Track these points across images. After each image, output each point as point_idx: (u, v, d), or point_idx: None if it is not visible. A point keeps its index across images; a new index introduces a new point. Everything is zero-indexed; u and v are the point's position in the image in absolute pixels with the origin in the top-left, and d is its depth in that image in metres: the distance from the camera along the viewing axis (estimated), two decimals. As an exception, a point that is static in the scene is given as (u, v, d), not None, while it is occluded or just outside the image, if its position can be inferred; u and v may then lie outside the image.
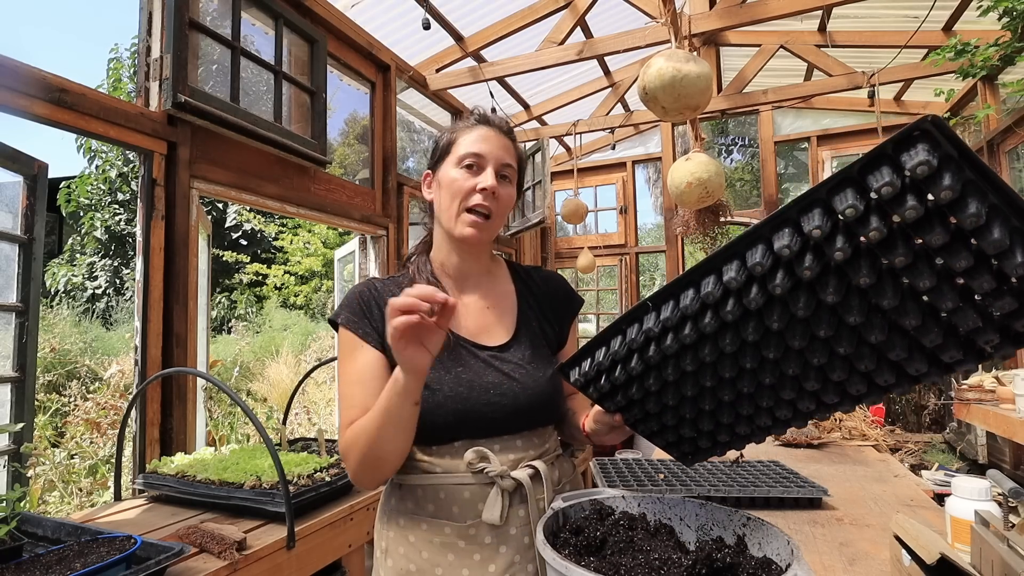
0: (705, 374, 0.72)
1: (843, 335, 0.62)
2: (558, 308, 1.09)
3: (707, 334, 0.67)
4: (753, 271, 0.59)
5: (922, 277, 0.54)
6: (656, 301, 0.69)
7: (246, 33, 2.25)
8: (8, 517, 1.09)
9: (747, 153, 12.33)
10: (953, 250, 0.52)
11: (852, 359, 0.64)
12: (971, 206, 0.48)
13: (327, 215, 2.71)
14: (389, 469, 0.89)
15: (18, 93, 1.53)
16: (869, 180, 0.51)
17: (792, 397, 0.72)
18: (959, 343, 0.59)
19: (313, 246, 10.92)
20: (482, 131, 0.98)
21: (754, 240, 0.59)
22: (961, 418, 2.67)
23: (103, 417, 4.17)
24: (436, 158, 1.02)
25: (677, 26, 2.34)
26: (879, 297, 0.57)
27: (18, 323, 1.67)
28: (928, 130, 0.48)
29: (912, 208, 0.50)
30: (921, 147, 0.48)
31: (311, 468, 1.52)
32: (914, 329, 0.58)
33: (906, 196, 0.50)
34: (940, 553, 0.80)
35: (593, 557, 0.72)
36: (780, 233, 0.57)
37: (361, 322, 0.95)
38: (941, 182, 0.48)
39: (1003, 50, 2.83)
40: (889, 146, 0.50)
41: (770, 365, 0.69)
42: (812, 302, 0.60)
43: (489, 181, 0.94)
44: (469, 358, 0.95)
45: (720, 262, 0.62)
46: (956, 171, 0.48)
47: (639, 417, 0.84)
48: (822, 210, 0.55)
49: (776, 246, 0.57)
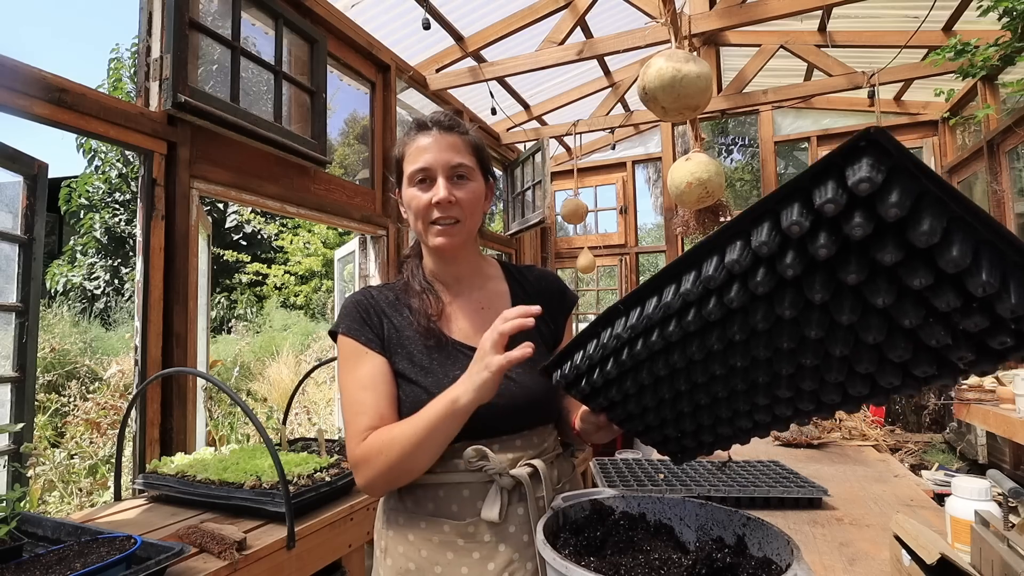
0: (679, 378, 0.72)
1: (807, 347, 0.60)
2: (553, 305, 1.09)
3: (674, 341, 0.66)
4: (708, 283, 0.57)
5: (879, 294, 0.51)
6: (626, 305, 0.69)
7: (246, 33, 2.25)
8: (8, 517, 1.09)
9: (747, 153, 12.33)
10: (910, 267, 0.48)
11: (822, 369, 0.63)
12: (924, 223, 0.45)
13: (327, 215, 2.71)
14: (410, 480, 0.90)
15: (18, 93, 1.53)
16: (815, 195, 0.48)
17: (767, 403, 0.72)
18: (931, 358, 0.56)
19: (313, 246, 10.92)
20: (422, 141, 0.96)
21: (710, 251, 0.57)
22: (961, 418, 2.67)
23: (103, 417, 4.17)
24: (397, 177, 1.02)
25: (677, 26, 2.34)
26: (837, 313, 0.54)
27: (18, 323, 1.67)
28: (875, 141, 0.44)
29: (858, 225, 0.46)
30: (865, 161, 0.44)
31: (311, 468, 1.52)
32: (879, 344, 0.56)
33: (853, 212, 0.47)
34: (940, 553, 0.80)
35: (593, 557, 0.72)
36: (732, 246, 0.55)
37: (363, 329, 0.95)
38: (888, 199, 0.44)
39: (1003, 50, 2.83)
40: (837, 157, 0.46)
41: (740, 372, 0.68)
42: (771, 315, 0.58)
43: (441, 193, 0.93)
44: (464, 360, 0.95)
45: (680, 270, 0.61)
46: (906, 186, 0.44)
47: (623, 417, 0.84)
48: (771, 224, 0.51)
49: (727, 259, 0.55)
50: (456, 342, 0.97)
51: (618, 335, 0.69)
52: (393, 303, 1.00)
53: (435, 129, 0.97)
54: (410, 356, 0.95)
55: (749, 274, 0.55)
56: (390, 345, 0.96)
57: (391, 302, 1.01)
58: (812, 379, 0.65)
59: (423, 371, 0.93)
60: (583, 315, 5.91)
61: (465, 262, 1.04)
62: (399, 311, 0.99)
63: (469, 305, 1.03)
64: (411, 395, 0.92)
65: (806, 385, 0.65)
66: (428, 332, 0.96)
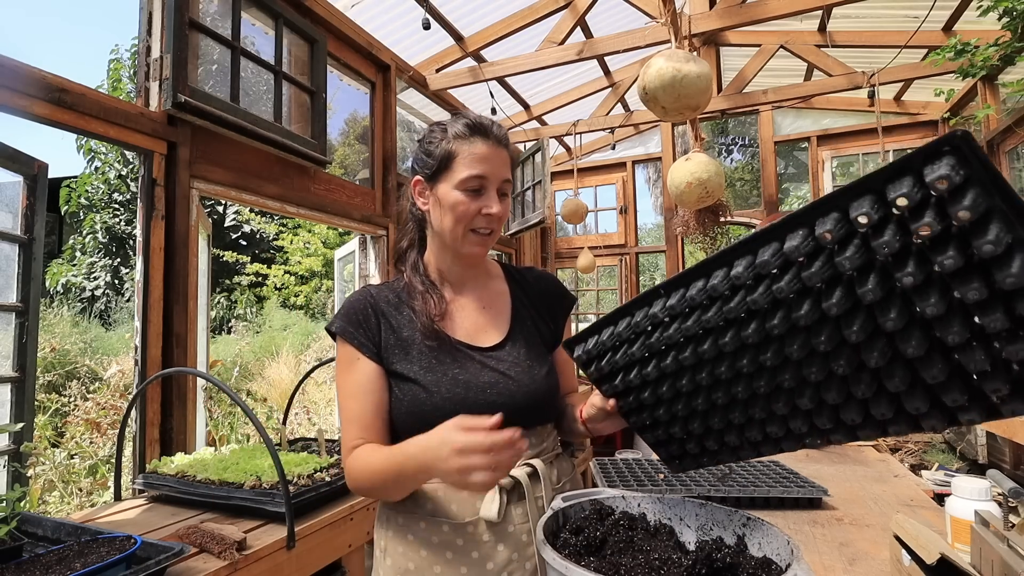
0: (702, 371, 0.72)
1: (843, 352, 0.60)
2: (552, 306, 1.10)
3: (709, 328, 0.66)
4: (761, 269, 0.58)
5: (930, 302, 0.50)
6: (668, 288, 0.69)
7: (246, 33, 2.25)
8: (8, 517, 1.09)
9: (747, 153, 12.33)
10: (966, 278, 0.48)
11: (850, 381, 0.62)
12: (991, 232, 0.45)
13: (327, 215, 2.71)
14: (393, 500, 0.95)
15: (18, 93, 1.53)
16: (889, 189, 0.49)
17: (784, 413, 0.70)
18: (964, 386, 0.55)
19: (313, 246, 10.92)
20: (482, 148, 0.94)
21: (767, 238, 0.58)
22: (961, 418, 2.67)
23: (103, 417, 4.16)
24: (433, 170, 0.97)
25: (677, 26, 2.34)
26: (883, 316, 0.54)
27: (18, 323, 1.66)
28: (958, 146, 0.45)
29: (927, 224, 0.47)
30: (946, 161, 0.46)
31: (311, 468, 1.52)
32: (916, 359, 0.55)
33: (924, 211, 0.47)
34: (940, 553, 0.80)
35: (593, 557, 0.72)
36: (793, 234, 0.56)
37: (357, 332, 0.95)
38: (961, 201, 0.45)
39: (1003, 50, 2.83)
40: (919, 157, 0.48)
41: (767, 373, 0.68)
42: (815, 311, 0.58)
43: (495, 208, 0.94)
44: (465, 359, 0.96)
45: (732, 257, 0.61)
46: (980, 193, 0.45)
47: (633, 406, 0.83)
48: (839, 216, 0.52)
49: (786, 247, 0.56)
50: (458, 341, 0.98)
51: (654, 315, 0.70)
52: (394, 303, 1.00)
53: (493, 140, 0.96)
54: (408, 356, 0.95)
55: (805, 264, 0.56)
56: (387, 347, 0.96)
57: (391, 302, 1.00)
58: (839, 391, 0.63)
59: (423, 370, 0.93)
60: (583, 315, 5.91)
61: (477, 264, 1.05)
62: (399, 310, 0.99)
63: (471, 304, 1.03)
64: (409, 394, 0.92)
65: (830, 397, 0.64)
66: (431, 332, 0.96)
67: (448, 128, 0.97)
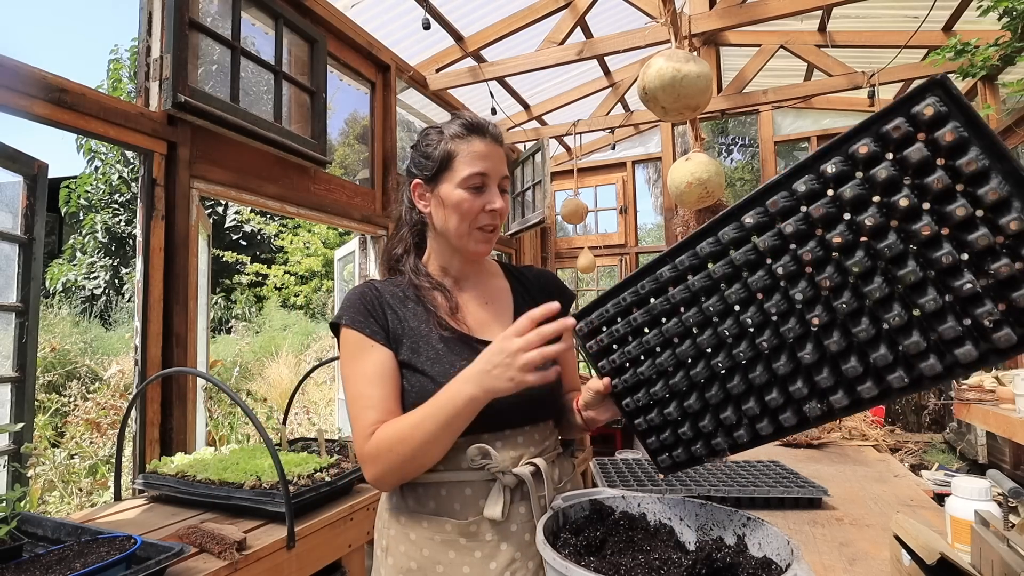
0: (705, 331, 0.73)
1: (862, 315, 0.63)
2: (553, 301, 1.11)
3: (719, 277, 0.71)
4: (771, 208, 0.65)
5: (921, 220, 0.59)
6: (672, 253, 0.74)
7: (246, 33, 2.25)
8: (8, 517, 1.09)
9: (747, 153, 12.33)
10: (949, 195, 0.57)
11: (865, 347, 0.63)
12: (970, 152, 0.55)
13: (327, 215, 2.71)
14: (420, 472, 0.90)
15: (18, 93, 1.53)
16: (883, 127, 0.59)
17: (786, 372, 0.68)
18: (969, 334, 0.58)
19: (313, 246, 10.92)
20: (481, 146, 0.95)
21: (773, 188, 0.66)
22: (961, 418, 2.67)
23: (103, 417, 4.16)
24: (433, 172, 0.97)
25: (677, 26, 2.34)
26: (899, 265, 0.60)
27: (18, 323, 1.67)
28: (940, 82, 0.57)
29: (917, 150, 0.57)
30: (931, 97, 0.57)
31: (311, 468, 1.52)
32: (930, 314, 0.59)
33: (914, 140, 0.58)
34: (940, 553, 0.80)
35: (593, 557, 0.72)
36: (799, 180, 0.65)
37: (367, 321, 0.95)
38: (946, 126, 0.56)
39: (1003, 50, 2.83)
40: (904, 100, 0.58)
41: (771, 326, 0.68)
42: (821, 250, 0.64)
43: (497, 203, 0.96)
44: (472, 353, 0.96)
45: (740, 211, 0.68)
46: (959, 122, 0.56)
47: (630, 384, 0.81)
48: (842, 156, 0.62)
49: (796, 188, 0.64)
50: (463, 334, 0.98)
51: (659, 275, 0.75)
52: (399, 297, 1.00)
53: (489, 138, 0.97)
54: (416, 347, 0.95)
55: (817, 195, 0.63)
56: (395, 337, 0.96)
57: (396, 296, 1.01)
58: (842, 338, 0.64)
59: (430, 361, 0.94)
60: (583, 315, 5.90)
61: (479, 261, 1.07)
62: (404, 304, 0.99)
63: (474, 300, 1.04)
64: (417, 385, 0.92)
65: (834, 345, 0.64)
66: (447, 326, 0.97)
67: (445, 130, 0.98)
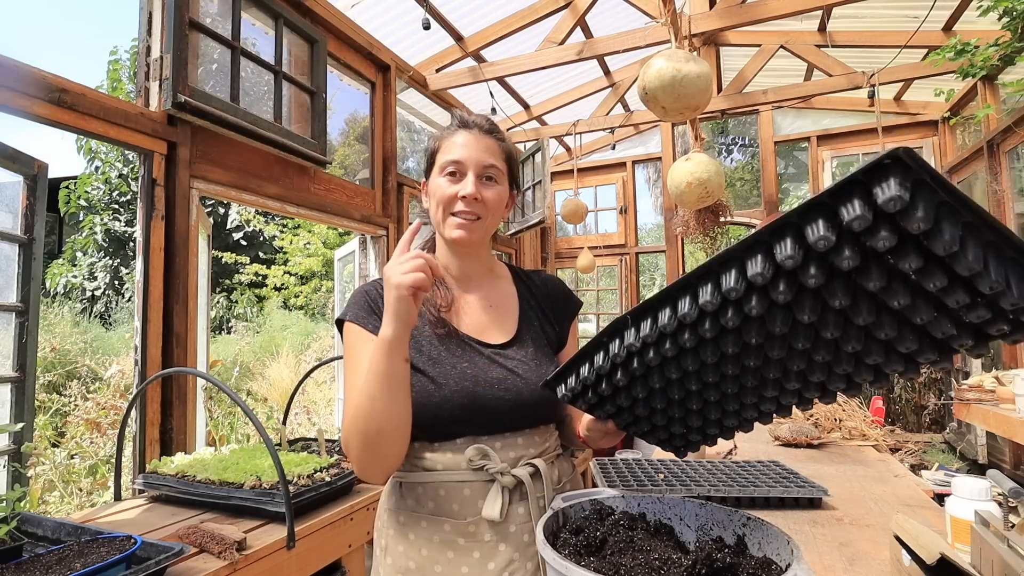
0: (690, 380, 0.74)
1: (820, 346, 0.64)
2: (558, 309, 1.11)
3: (688, 348, 0.67)
4: (727, 295, 0.58)
5: (896, 297, 0.55)
6: (635, 316, 0.69)
7: (246, 33, 2.25)
8: (8, 517, 1.10)
9: (747, 153, 12.32)
10: (927, 272, 0.52)
11: (831, 364, 0.67)
12: (945, 233, 0.48)
13: (327, 215, 2.71)
14: (392, 450, 0.86)
15: (18, 93, 1.53)
16: (841, 212, 0.50)
17: (775, 395, 0.74)
18: (935, 346, 0.60)
19: (313, 246, 10.91)
20: (461, 137, 0.99)
21: (728, 263, 0.59)
22: (961, 418, 2.67)
23: (103, 417, 4.16)
24: (425, 167, 1.05)
25: (677, 26, 2.34)
26: (855, 315, 0.58)
27: (18, 323, 1.66)
28: (900, 158, 0.47)
29: (884, 239, 0.50)
30: (893, 180, 0.47)
31: (311, 468, 1.52)
32: (890, 339, 0.60)
33: (879, 227, 0.49)
34: (940, 553, 0.80)
35: (593, 557, 0.72)
36: (753, 259, 0.56)
37: (370, 318, 0.97)
38: (915, 213, 0.47)
39: (1003, 50, 2.83)
40: (860, 175, 0.49)
41: (751, 372, 0.71)
42: (788, 320, 0.61)
43: (468, 189, 0.96)
44: (473, 354, 0.97)
45: (696, 281, 0.62)
46: (929, 200, 0.48)
47: (630, 421, 0.86)
48: (793, 238, 0.53)
49: (749, 272, 0.56)
50: (465, 335, 0.99)
51: (629, 345, 0.70)
52: None
53: (475, 129, 1.00)
54: (418, 346, 0.96)
55: (771, 285, 0.57)
56: None
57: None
58: (821, 371, 0.68)
59: (431, 361, 0.94)
60: (583, 316, 5.90)
61: (477, 261, 1.06)
62: None
63: (478, 302, 1.04)
64: (418, 385, 0.93)
65: (815, 377, 0.69)
66: (438, 322, 0.97)
67: (441, 129, 1.04)
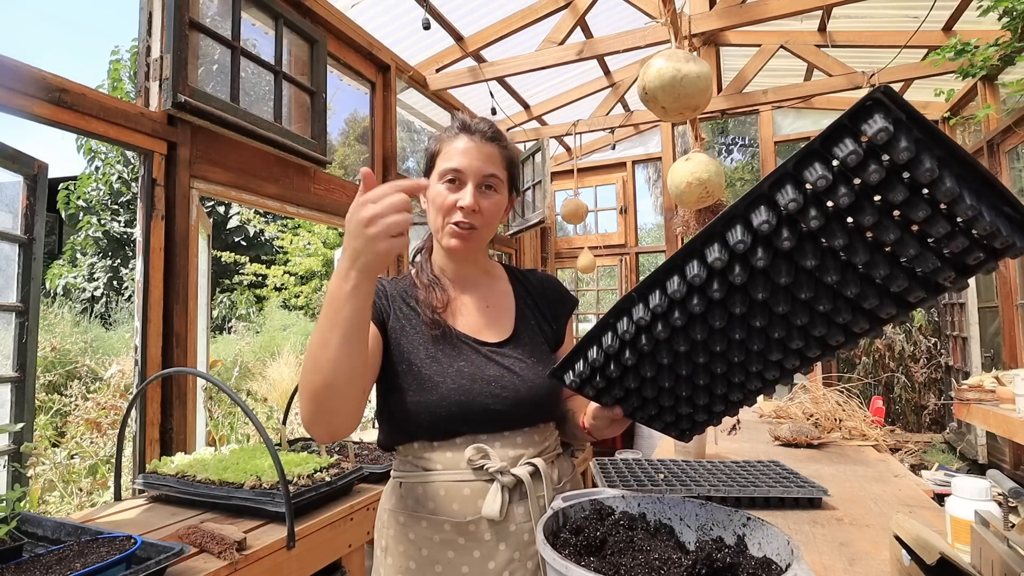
0: (698, 351, 0.75)
1: (821, 294, 0.67)
2: (554, 307, 1.12)
3: (696, 314, 0.69)
4: (735, 249, 0.62)
5: (888, 232, 0.60)
6: (641, 292, 0.71)
7: (246, 33, 2.25)
8: (8, 517, 1.10)
9: (747, 153, 12.33)
10: (912, 203, 0.57)
11: (831, 314, 0.69)
12: (925, 162, 0.54)
13: (327, 215, 2.71)
14: (341, 407, 0.77)
15: (18, 93, 1.53)
16: (834, 151, 0.56)
17: (779, 357, 0.76)
18: (922, 284, 0.65)
19: (313, 246, 10.91)
20: (462, 143, 0.97)
21: (732, 221, 0.62)
22: (961, 418, 2.67)
23: (103, 417, 4.16)
24: (425, 170, 1.03)
25: (677, 26, 2.34)
26: (852, 255, 0.62)
27: (18, 323, 1.66)
28: (879, 99, 0.53)
29: (875, 171, 0.55)
30: (878, 116, 0.53)
31: (311, 468, 1.52)
32: (883, 279, 0.64)
33: (869, 162, 0.55)
34: (940, 553, 0.80)
35: (593, 557, 0.72)
36: (757, 211, 0.61)
37: None
38: (899, 144, 0.53)
39: (1003, 50, 2.83)
40: (846, 118, 0.55)
41: (757, 334, 0.72)
42: (792, 270, 0.65)
43: (467, 200, 0.95)
44: (470, 353, 0.97)
45: (701, 245, 0.65)
46: (908, 134, 0.53)
47: (637, 405, 0.85)
48: (793, 184, 0.59)
49: (755, 222, 0.60)
50: (461, 334, 0.99)
51: (638, 319, 0.71)
52: (403, 293, 1.02)
53: (477, 135, 0.98)
54: (415, 345, 0.96)
55: (775, 234, 0.61)
56: (394, 331, 0.97)
57: (401, 292, 1.02)
58: (822, 324, 0.70)
59: (428, 360, 0.94)
60: (583, 315, 5.91)
61: (473, 263, 1.07)
62: (407, 302, 1.01)
63: (474, 302, 1.05)
64: (415, 383, 0.93)
65: (817, 331, 0.71)
66: (433, 323, 0.97)
67: (442, 130, 1.03)
